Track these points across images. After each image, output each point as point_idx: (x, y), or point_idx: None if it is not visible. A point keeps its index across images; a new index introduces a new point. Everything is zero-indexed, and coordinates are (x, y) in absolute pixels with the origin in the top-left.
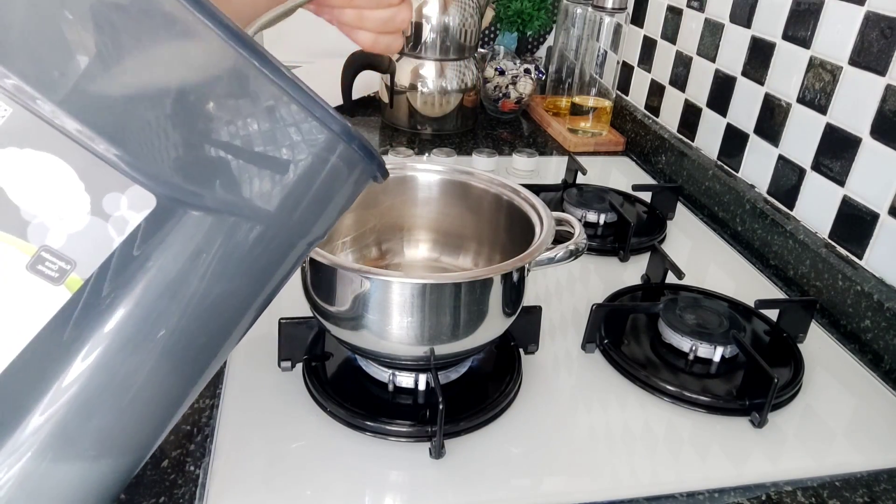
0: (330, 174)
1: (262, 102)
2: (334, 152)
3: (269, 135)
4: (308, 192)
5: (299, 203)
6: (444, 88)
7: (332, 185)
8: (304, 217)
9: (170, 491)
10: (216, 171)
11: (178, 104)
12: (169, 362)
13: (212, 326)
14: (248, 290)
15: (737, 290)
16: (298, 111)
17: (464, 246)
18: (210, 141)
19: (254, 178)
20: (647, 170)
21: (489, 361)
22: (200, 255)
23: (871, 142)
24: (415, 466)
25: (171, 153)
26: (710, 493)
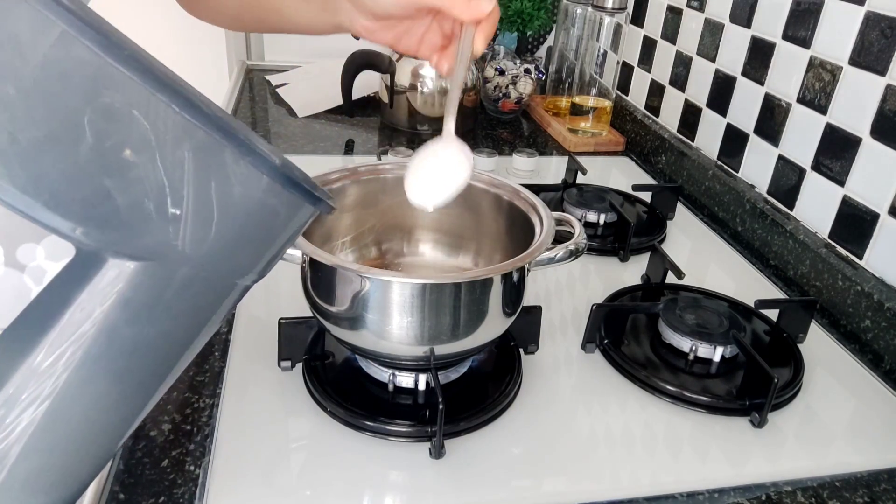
0: (267, 216)
1: (185, 146)
2: (270, 195)
3: (195, 180)
4: (243, 235)
5: (234, 246)
6: (445, 88)
7: (270, 226)
8: (240, 258)
9: (170, 491)
10: (138, 218)
11: (92, 152)
12: (99, 405)
13: (145, 370)
14: (182, 331)
15: (737, 290)
16: (227, 155)
17: (464, 246)
18: (129, 188)
19: (181, 224)
20: (647, 170)
21: (489, 361)
22: (126, 302)
23: (871, 142)
24: (415, 466)
25: (88, 201)
26: (709, 493)
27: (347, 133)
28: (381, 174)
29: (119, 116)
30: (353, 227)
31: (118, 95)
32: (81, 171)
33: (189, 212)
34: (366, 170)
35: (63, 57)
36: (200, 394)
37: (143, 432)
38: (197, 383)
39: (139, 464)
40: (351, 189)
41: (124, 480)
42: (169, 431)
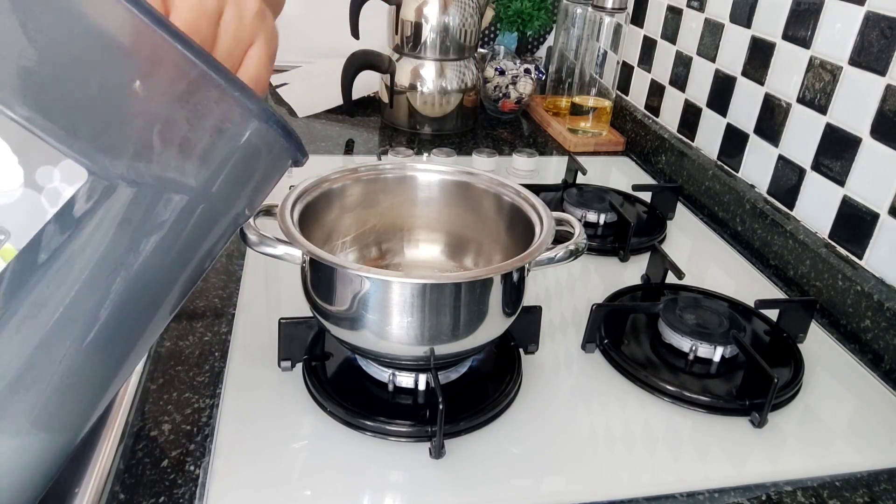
0: (248, 151)
1: (184, 83)
2: (252, 131)
3: (190, 114)
4: (228, 169)
5: (221, 179)
6: (444, 88)
7: (252, 162)
8: (225, 192)
9: (170, 491)
10: (141, 147)
11: (102, 84)
12: (100, 335)
13: (141, 299)
14: (176, 263)
15: (737, 290)
16: (218, 92)
17: (464, 246)
18: (135, 118)
19: (177, 154)
20: (647, 170)
21: (489, 361)
22: (130, 227)
23: (871, 142)
24: (415, 466)
25: (98, 129)
26: (710, 493)
27: (347, 133)
28: (381, 174)
29: (127, 53)
30: (354, 226)
31: (127, 34)
32: (93, 101)
33: (190, 144)
34: (366, 170)
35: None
36: (200, 394)
37: (143, 432)
38: (197, 383)
39: (139, 464)
40: (351, 189)
41: (124, 480)
42: (169, 431)
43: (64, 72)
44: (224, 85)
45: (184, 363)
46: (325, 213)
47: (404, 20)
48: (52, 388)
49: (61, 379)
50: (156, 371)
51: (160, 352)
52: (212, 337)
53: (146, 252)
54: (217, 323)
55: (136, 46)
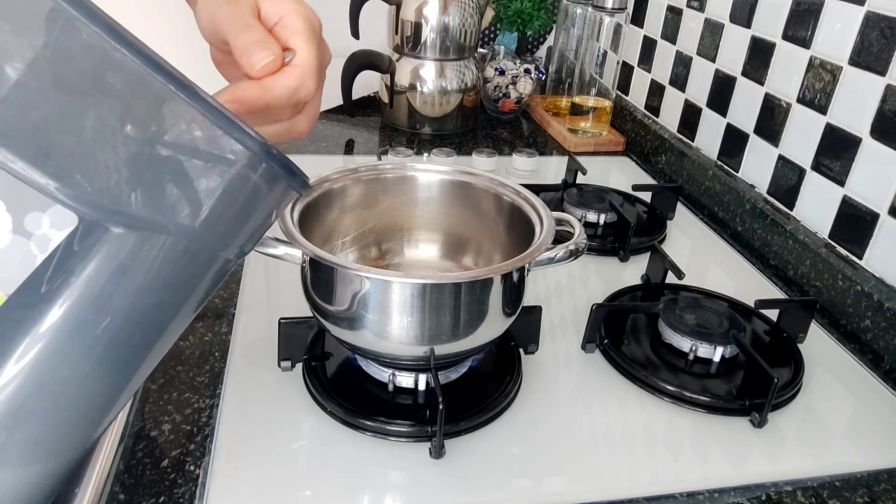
0: (250, 191)
1: (181, 124)
2: (253, 170)
3: (188, 155)
4: (229, 209)
5: (221, 219)
6: (444, 88)
7: (254, 201)
8: (226, 232)
9: (170, 491)
10: (136, 190)
11: (95, 127)
12: (95, 372)
13: (137, 338)
14: (171, 302)
15: (737, 290)
16: (216, 132)
17: (464, 246)
18: (129, 162)
19: (175, 196)
20: (647, 170)
21: (489, 361)
22: (124, 270)
23: (871, 142)
24: (415, 466)
25: (91, 174)
26: (710, 493)
27: (347, 133)
28: (381, 174)
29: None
30: (354, 227)
31: (119, 76)
32: (83, 145)
33: (184, 186)
34: (366, 170)
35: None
36: (200, 394)
37: (143, 432)
38: (197, 383)
39: (139, 464)
40: (351, 189)
41: (124, 481)
42: (169, 431)
43: (53, 115)
44: (221, 124)
45: (184, 363)
46: (325, 213)
47: (404, 20)
48: (47, 424)
49: (58, 414)
50: (156, 371)
51: None
52: (212, 337)
53: (139, 296)
54: (217, 323)
55: (127, 88)
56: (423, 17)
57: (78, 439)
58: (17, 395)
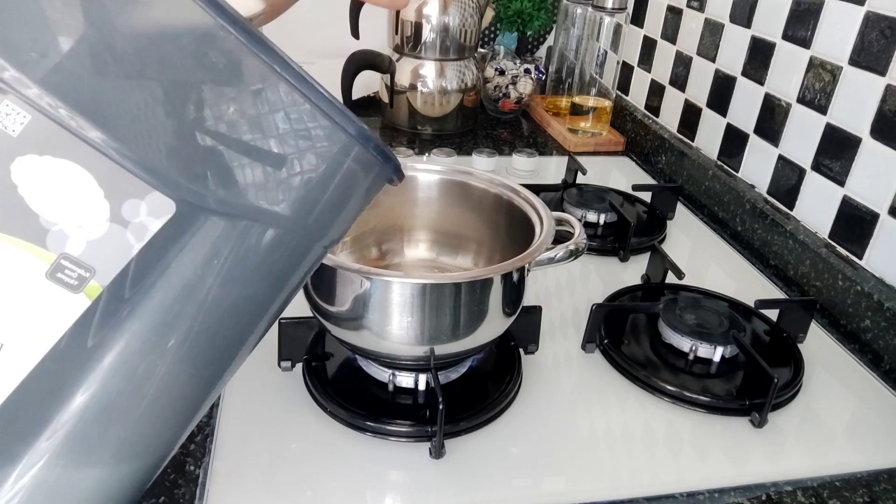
0: (346, 177)
1: (280, 106)
2: (350, 155)
3: (286, 139)
4: (324, 196)
5: (316, 207)
6: (444, 88)
7: (349, 187)
8: (320, 220)
9: (170, 491)
10: (234, 176)
11: (196, 110)
12: (187, 367)
13: (229, 331)
14: (265, 293)
15: (737, 290)
16: (314, 115)
17: (464, 246)
18: (228, 146)
19: (271, 182)
20: (647, 170)
21: (489, 361)
22: (219, 260)
23: (871, 142)
24: (415, 466)
25: (190, 159)
26: (710, 493)
27: None
28: None
29: (220, 74)
30: (354, 227)
31: (223, 57)
32: (183, 128)
33: (284, 172)
34: None
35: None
36: None
37: None
38: None
39: None
40: None
41: None
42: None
43: (153, 96)
44: (321, 108)
45: None
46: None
47: (404, 20)
48: (140, 421)
49: (149, 410)
50: None
51: None
52: None
53: (233, 287)
54: None
55: (229, 68)
56: (423, 17)
57: (168, 438)
58: (110, 393)
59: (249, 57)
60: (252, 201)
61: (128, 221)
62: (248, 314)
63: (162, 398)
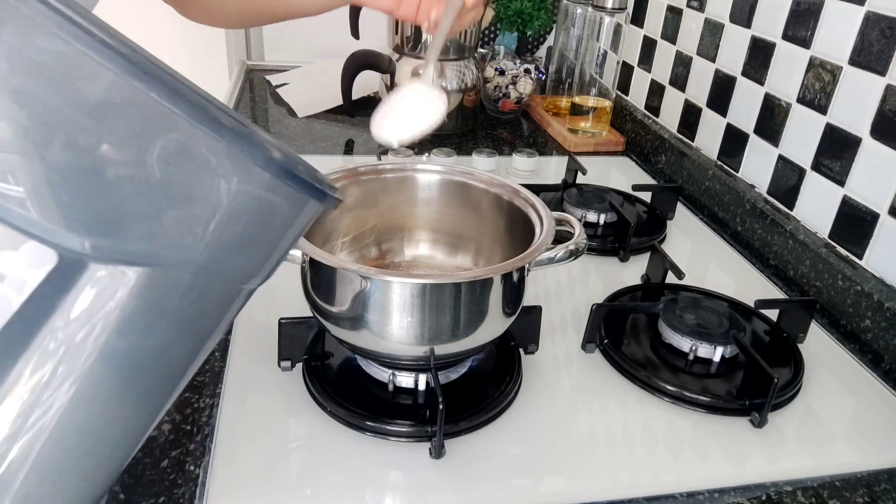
0: (267, 214)
1: (171, 139)
2: (270, 190)
3: (185, 174)
4: (243, 235)
5: (233, 247)
6: (444, 88)
7: (272, 224)
8: (242, 260)
9: (170, 491)
10: (125, 220)
11: (72, 148)
12: (99, 421)
13: (143, 384)
14: (184, 342)
15: (737, 290)
16: (217, 147)
17: (464, 246)
18: (115, 187)
19: (173, 225)
20: (647, 170)
21: (489, 361)
22: (118, 310)
23: (871, 142)
24: (415, 466)
25: (70, 204)
26: (710, 493)
27: (347, 133)
28: (381, 174)
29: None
30: (354, 227)
31: (93, 87)
32: (62, 170)
33: (180, 210)
34: (366, 170)
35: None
36: (200, 394)
37: None
38: (197, 383)
39: (139, 464)
40: (351, 189)
41: (124, 480)
42: (169, 431)
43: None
44: (228, 140)
45: None
46: (325, 214)
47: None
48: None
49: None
50: None
51: None
52: None
53: (143, 336)
54: None
55: (111, 101)
56: None
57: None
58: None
59: (140, 95)
60: (143, 246)
61: (3, 275)
62: (163, 366)
63: (67, 459)
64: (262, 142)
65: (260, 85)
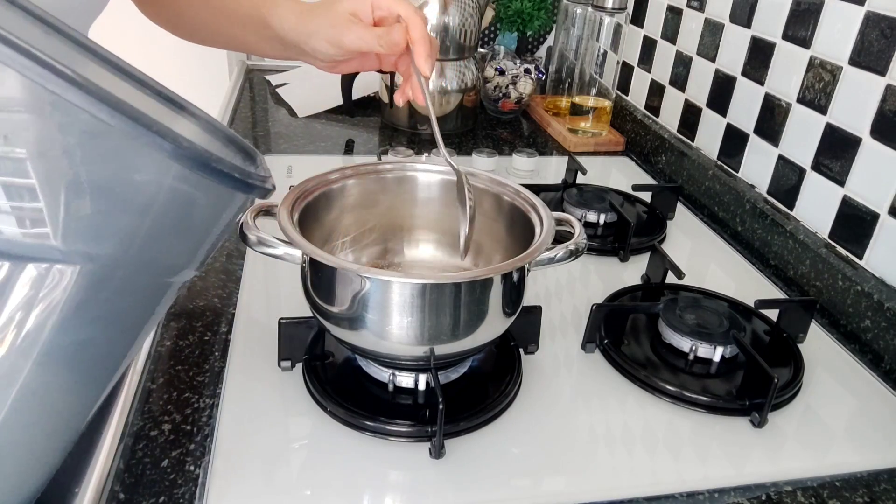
0: (184, 206)
1: (75, 132)
2: (183, 182)
3: (91, 168)
4: (162, 229)
5: (155, 241)
6: (444, 88)
7: (192, 216)
8: (166, 253)
9: (170, 491)
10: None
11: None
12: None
13: (82, 375)
14: (118, 334)
15: (737, 290)
16: (122, 139)
17: None
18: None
19: (86, 220)
20: (647, 170)
21: (489, 361)
22: (52, 307)
23: (871, 142)
24: (415, 466)
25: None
26: (710, 493)
27: (347, 133)
28: (381, 174)
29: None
30: (354, 226)
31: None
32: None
33: (93, 206)
34: (366, 170)
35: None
36: (200, 394)
37: (143, 432)
38: (197, 383)
39: (139, 464)
40: (351, 189)
41: (124, 480)
42: (169, 431)
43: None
44: (132, 132)
45: (184, 363)
46: (325, 213)
47: None
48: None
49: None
50: (156, 371)
51: (160, 351)
52: (212, 337)
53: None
54: (217, 323)
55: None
56: None
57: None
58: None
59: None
60: (53, 242)
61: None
62: (93, 358)
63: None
64: (169, 133)
65: (260, 85)
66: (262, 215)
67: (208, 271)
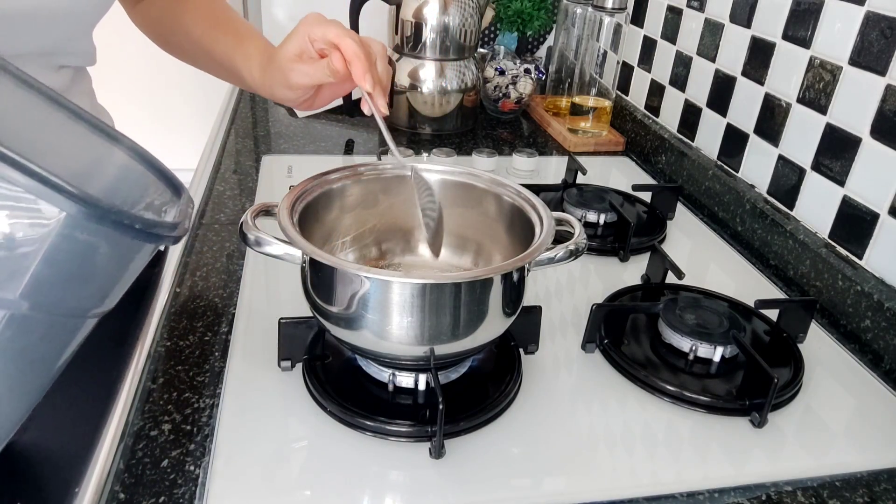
0: (88, 255)
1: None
2: (85, 233)
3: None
4: (66, 274)
5: (60, 286)
6: (444, 88)
7: (96, 263)
8: (73, 297)
9: (170, 491)
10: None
11: None
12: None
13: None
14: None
15: (737, 290)
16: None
17: (464, 246)
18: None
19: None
20: (647, 170)
21: (489, 361)
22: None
23: (871, 142)
24: (415, 466)
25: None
26: (710, 493)
27: (347, 133)
28: (381, 174)
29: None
30: (354, 226)
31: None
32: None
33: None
34: (366, 170)
35: None
36: (200, 394)
37: (143, 432)
38: (197, 383)
39: (139, 464)
40: (351, 189)
41: (124, 480)
42: (169, 431)
43: None
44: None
45: (184, 363)
46: (325, 213)
47: (404, 20)
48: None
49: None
50: (156, 371)
51: (160, 351)
52: (212, 337)
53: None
54: (217, 323)
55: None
56: (422, 17)
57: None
58: None
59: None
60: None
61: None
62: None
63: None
64: (63, 180)
65: None
66: (262, 215)
67: (209, 271)
